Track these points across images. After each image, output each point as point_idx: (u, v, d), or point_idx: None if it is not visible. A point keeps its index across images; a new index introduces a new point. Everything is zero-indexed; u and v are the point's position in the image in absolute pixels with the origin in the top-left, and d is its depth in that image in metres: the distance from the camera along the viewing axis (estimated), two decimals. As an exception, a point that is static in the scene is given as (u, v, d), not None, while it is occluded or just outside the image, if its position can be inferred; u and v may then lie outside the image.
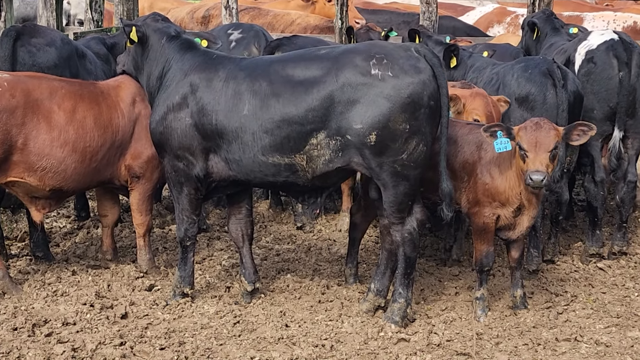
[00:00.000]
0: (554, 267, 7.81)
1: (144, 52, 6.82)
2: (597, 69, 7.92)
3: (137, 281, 7.19)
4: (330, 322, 6.50)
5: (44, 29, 8.19)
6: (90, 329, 6.26)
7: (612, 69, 7.87)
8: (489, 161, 6.52)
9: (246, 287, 6.89)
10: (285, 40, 9.24)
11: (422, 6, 11.72)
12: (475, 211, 6.55)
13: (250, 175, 6.44)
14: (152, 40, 6.80)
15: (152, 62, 6.78)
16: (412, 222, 6.33)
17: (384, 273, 6.65)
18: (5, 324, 6.24)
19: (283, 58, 6.53)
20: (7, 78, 6.66)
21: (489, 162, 6.52)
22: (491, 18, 14.00)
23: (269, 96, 6.23)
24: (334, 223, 9.13)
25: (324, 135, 6.17)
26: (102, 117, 6.93)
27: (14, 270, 7.42)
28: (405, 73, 6.06)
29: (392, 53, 6.15)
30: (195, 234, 6.79)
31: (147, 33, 6.81)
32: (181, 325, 6.38)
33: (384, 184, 6.23)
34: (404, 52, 6.19)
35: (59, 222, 8.95)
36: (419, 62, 6.13)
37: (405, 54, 6.17)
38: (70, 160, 6.75)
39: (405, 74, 6.05)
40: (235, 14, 12.28)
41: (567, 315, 6.73)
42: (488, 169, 6.50)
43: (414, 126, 6.06)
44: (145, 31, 6.80)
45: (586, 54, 8.01)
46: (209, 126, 6.38)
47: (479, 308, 6.63)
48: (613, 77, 7.84)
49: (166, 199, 9.89)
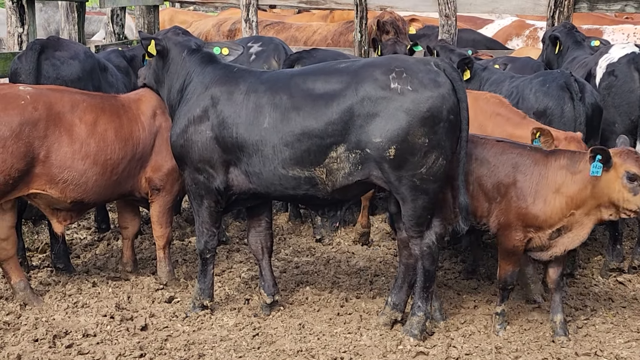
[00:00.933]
0: (574, 281, 7.79)
1: (164, 65, 6.88)
2: (619, 82, 7.91)
3: (157, 293, 7.22)
4: (349, 334, 6.50)
5: (68, 42, 8.27)
6: (110, 340, 6.29)
7: (633, 82, 7.87)
8: (527, 184, 6.33)
9: (265, 299, 6.93)
10: (305, 54, 9.29)
11: (441, 19, 11.72)
12: (506, 234, 6.39)
13: (270, 188, 6.46)
14: (173, 54, 6.85)
15: (173, 75, 6.83)
16: (431, 235, 6.34)
17: (401, 287, 6.65)
18: (26, 335, 6.29)
19: (303, 71, 6.57)
20: (29, 91, 6.73)
21: (526, 185, 6.33)
22: (510, 31, 13.98)
23: (290, 109, 6.26)
24: (352, 236, 9.14)
25: (343, 149, 6.19)
26: (123, 130, 6.99)
27: (35, 281, 7.48)
28: (424, 87, 6.07)
29: (412, 67, 6.17)
30: (215, 247, 6.82)
31: (167, 46, 6.86)
32: (200, 337, 6.40)
33: (403, 197, 6.24)
34: (424, 66, 6.20)
35: (80, 233, 9.01)
36: (438, 76, 6.14)
37: (425, 67, 6.19)
38: (91, 173, 6.80)
39: (425, 88, 6.07)
40: (255, 27, 12.35)
41: (587, 329, 6.70)
42: (525, 193, 6.31)
43: (433, 140, 6.07)
44: (165, 44, 6.86)
45: (607, 67, 8.01)
46: (229, 139, 6.41)
47: (498, 323, 6.59)
48: (635, 90, 7.83)
49: (186, 211, 9.94)
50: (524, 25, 14.09)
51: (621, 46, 8.25)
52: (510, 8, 12.24)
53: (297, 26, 13.36)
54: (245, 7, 12.36)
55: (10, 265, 6.92)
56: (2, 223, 6.85)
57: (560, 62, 9.26)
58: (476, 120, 6.93)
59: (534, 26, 13.87)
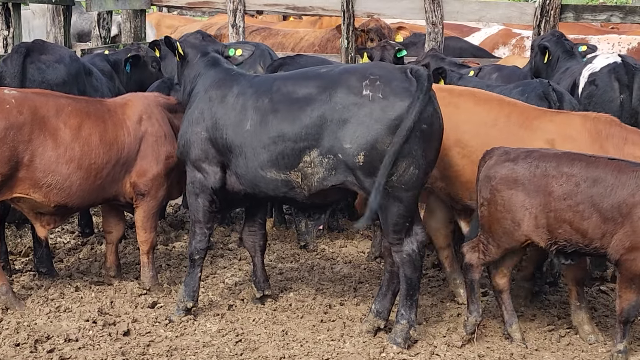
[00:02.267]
0: (557, 289, 7.80)
1: (182, 68, 7.06)
2: (599, 92, 7.97)
3: (140, 298, 7.20)
4: (332, 341, 6.50)
5: (53, 46, 8.26)
6: (92, 345, 6.27)
7: (613, 92, 7.92)
8: None
9: (255, 293, 7.17)
10: (289, 60, 9.30)
11: (427, 27, 11.73)
12: (632, 258, 5.99)
13: (255, 189, 6.58)
14: (190, 57, 7.01)
15: (187, 77, 7.02)
16: (411, 243, 6.33)
17: (385, 295, 6.65)
18: (7, 340, 6.26)
19: (287, 76, 6.68)
20: (14, 95, 6.71)
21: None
22: (496, 40, 14.02)
23: (269, 112, 6.37)
24: (337, 242, 9.14)
25: (317, 153, 6.24)
26: (108, 135, 6.98)
27: (17, 285, 7.44)
28: (395, 95, 6.08)
29: (387, 74, 6.19)
30: (204, 249, 6.88)
31: (185, 50, 7.01)
32: (183, 343, 6.39)
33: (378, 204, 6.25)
34: (400, 74, 6.22)
35: (63, 237, 8.98)
36: (412, 84, 6.13)
37: (402, 75, 6.20)
38: (75, 177, 6.78)
39: (395, 96, 6.08)
40: (242, 33, 12.34)
41: (570, 338, 6.71)
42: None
43: (403, 149, 6.05)
44: (184, 48, 7.02)
45: (589, 77, 8.06)
46: (220, 140, 6.56)
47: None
48: (614, 99, 7.87)
49: (170, 215, 9.92)
50: (511, 34, 14.13)
51: (605, 56, 8.30)
52: (497, 17, 12.28)
53: (284, 32, 13.38)
54: (232, 12, 12.34)
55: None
56: (-16, 227, 6.84)
57: (549, 72, 9.26)
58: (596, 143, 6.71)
59: (521, 35, 13.92)
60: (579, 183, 6.06)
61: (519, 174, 6.21)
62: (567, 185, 6.08)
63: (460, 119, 6.85)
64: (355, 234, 9.49)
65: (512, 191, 6.22)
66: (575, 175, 6.08)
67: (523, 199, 6.18)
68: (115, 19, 13.06)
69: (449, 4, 11.78)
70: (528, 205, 6.16)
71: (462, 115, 6.90)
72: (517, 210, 6.20)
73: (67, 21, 10.95)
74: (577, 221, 6.05)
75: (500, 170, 6.29)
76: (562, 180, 6.09)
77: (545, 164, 6.18)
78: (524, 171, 6.21)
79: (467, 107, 6.96)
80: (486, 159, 6.44)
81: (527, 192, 6.18)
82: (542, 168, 6.17)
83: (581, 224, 6.05)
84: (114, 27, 12.73)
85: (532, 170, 6.18)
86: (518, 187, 6.21)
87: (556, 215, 6.09)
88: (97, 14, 12.04)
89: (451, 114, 6.72)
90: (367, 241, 9.25)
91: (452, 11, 11.84)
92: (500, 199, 6.26)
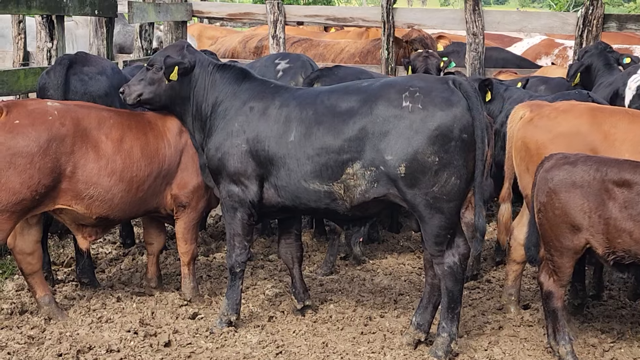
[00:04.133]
0: (601, 302, 7.71)
1: (189, 82, 6.92)
2: None
3: (181, 309, 7.22)
4: (372, 354, 6.47)
5: (95, 58, 8.32)
6: (133, 356, 6.30)
7: None
8: None
9: (296, 305, 7.19)
10: (326, 71, 9.28)
11: (468, 37, 11.70)
12: None
13: (295, 202, 6.57)
14: (198, 70, 6.91)
15: (201, 90, 6.89)
16: (453, 255, 6.31)
17: (425, 307, 6.62)
18: (50, 350, 6.31)
19: (331, 89, 6.68)
20: (57, 107, 6.77)
21: None
22: (539, 50, 13.94)
23: (313, 124, 6.40)
24: (377, 254, 9.11)
25: (359, 166, 6.27)
26: (149, 147, 7.01)
27: (60, 295, 7.51)
28: (434, 105, 6.09)
29: (427, 86, 6.21)
30: (245, 261, 6.88)
31: (191, 64, 6.91)
32: (224, 354, 6.39)
33: (420, 216, 6.24)
34: (440, 85, 6.23)
35: (105, 248, 9.04)
36: (452, 94, 6.14)
37: (442, 86, 6.21)
38: (117, 190, 6.82)
39: (435, 107, 6.09)
40: (282, 44, 12.38)
41: (614, 353, 6.62)
42: None
43: (444, 159, 6.06)
44: (189, 63, 6.89)
45: (637, 89, 7.93)
46: (262, 152, 6.55)
47: None
48: None
49: (211, 227, 9.96)
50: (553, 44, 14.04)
51: None
52: (539, 27, 12.18)
53: (325, 43, 13.38)
54: (272, 23, 12.41)
55: (36, 279, 6.95)
56: (28, 237, 6.90)
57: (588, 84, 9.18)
58: None
59: (564, 45, 13.82)
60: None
61: (578, 177, 6.11)
62: (628, 193, 5.97)
63: (617, 138, 6.70)
64: (396, 246, 9.46)
65: (570, 194, 6.12)
66: (637, 184, 5.95)
67: (582, 202, 6.08)
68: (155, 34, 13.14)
69: (490, 15, 11.74)
70: (587, 209, 6.06)
71: (620, 134, 6.72)
72: (576, 213, 6.09)
73: (110, 33, 11.04)
74: (638, 232, 5.93)
75: (558, 173, 6.18)
76: (623, 188, 5.98)
77: (606, 169, 6.05)
78: (583, 174, 6.09)
79: (623, 127, 6.76)
80: (544, 163, 6.34)
81: (586, 195, 6.06)
82: (603, 172, 6.05)
83: None
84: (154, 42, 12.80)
85: (592, 174, 6.07)
86: (576, 190, 6.10)
87: (615, 223, 5.99)
88: (139, 26, 12.14)
89: (608, 133, 6.65)
90: (408, 253, 9.21)
91: (493, 21, 11.80)
92: (557, 202, 6.17)
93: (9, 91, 8.78)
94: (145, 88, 6.96)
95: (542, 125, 6.88)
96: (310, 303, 7.25)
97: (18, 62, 11.49)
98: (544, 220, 6.23)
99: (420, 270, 8.49)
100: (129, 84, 7.06)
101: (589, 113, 6.86)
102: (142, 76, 6.98)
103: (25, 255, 6.90)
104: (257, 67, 9.86)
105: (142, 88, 6.96)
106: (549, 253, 6.28)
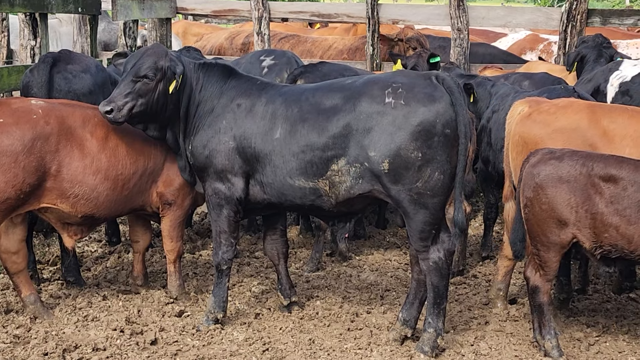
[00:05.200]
0: (586, 297, 7.74)
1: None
2: (634, 103, 7.82)
3: (167, 307, 7.22)
4: (359, 350, 6.48)
5: (79, 56, 8.30)
6: (120, 354, 6.29)
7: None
8: None
9: (282, 301, 7.21)
10: (310, 68, 9.27)
11: (453, 33, 11.71)
12: None
13: (281, 198, 6.58)
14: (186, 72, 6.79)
15: (188, 91, 6.78)
16: (438, 251, 6.32)
17: (412, 303, 6.63)
18: (36, 349, 6.29)
19: (315, 86, 6.69)
20: (41, 105, 6.75)
21: None
22: (524, 45, 13.95)
23: (298, 121, 6.41)
24: (363, 250, 9.12)
25: (344, 162, 6.28)
26: (134, 145, 6.99)
27: (46, 294, 7.48)
28: (417, 101, 6.11)
29: (410, 82, 6.23)
30: (231, 258, 6.88)
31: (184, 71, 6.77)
32: (210, 352, 6.39)
33: (404, 212, 6.26)
34: (423, 81, 6.25)
35: (91, 246, 9.02)
36: (435, 90, 6.16)
37: (424, 82, 6.23)
38: (102, 188, 6.80)
39: (417, 102, 6.11)
40: (267, 40, 12.37)
41: (599, 346, 6.66)
42: None
43: (427, 154, 6.08)
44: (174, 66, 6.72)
45: (620, 86, 7.93)
46: (248, 149, 6.54)
47: None
48: None
49: (197, 224, 9.95)
50: (538, 39, 14.07)
51: (632, 63, 8.16)
52: (523, 22, 12.20)
53: (312, 40, 13.35)
54: (257, 20, 12.39)
55: (21, 278, 6.93)
56: (12, 236, 6.88)
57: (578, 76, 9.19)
58: None
59: (548, 40, 13.85)
60: (626, 187, 5.98)
61: (564, 172, 6.13)
62: (614, 188, 6.01)
63: (616, 134, 6.70)
64: (382, 242, 9.47)
65: (556, 189, 6.14)
66: (623, 179, 5.99)
67: (569, 197, 6.10)
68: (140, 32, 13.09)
69: (475, 10, 11.76)
70: (574, 204, 6.08)
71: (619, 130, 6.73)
72: (563, 208, 6.11)
73: (94, 31, 11.00)
74: (624, 226, 5.97)
75: (545, 168, 6.21)
76: (609, 183, 6.01)
77: (592, 164, 6.08)
78: (570, 169, 6.12)
79: (622, 122, 6.77)
80: (529, 159, 6.36)
81: (573, 190, 6.08)
82: (589, 167, 6.08)
83: (627, 229, 5.98)
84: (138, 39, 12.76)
85: (579, 169, 6.09)
86: (563, 185, 6.12)
87: (602, 218, 6.01)
88: (123, 23, 12.10)
89: (607, 129, 6.66)
90: (394, 249, 9.23)
91: (478, 17, 11.82)
92: (544, 197, 6.18)
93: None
94: (136, 100, 6.60)
95: (540, 121, 6.89)
96: (296, 299, 7.27)
97: (1, 60, 11.44)
98: (531, 215, 6.26)
99: (407, 266, 8.51)
100: (114, 100, 6.58)
101: (588, 109, 6.88)
102: (128, 89, 6.59)
103: (10, 254, 6.87)
104: (242, 63, 9.85)
105: (132, 101, 6.59)
106: (535, 248, 6.30)
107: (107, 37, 15.04)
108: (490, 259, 8.76)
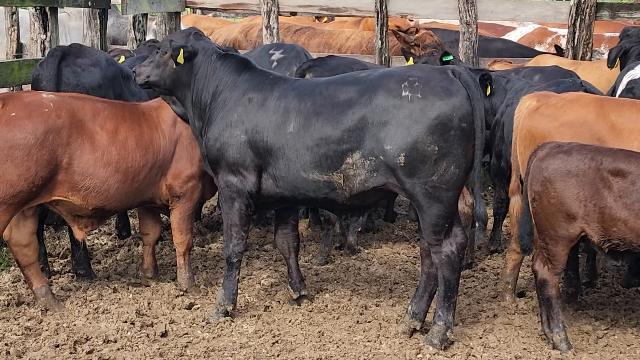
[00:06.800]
0: (594, 290, 7.75)
1: (191, 68, 6.91)
2: None
3: (177, 299, 7.25)
4: (368, 342, 6.50)
5: (89, 50, 8.32)
6: (130, 346, 6.33)
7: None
8: None
9: (292, 294, 7.22)
10: (318, 61, 9.26)
11: (461, 27, 11.68)
12: None
13: (294, 192, 6.60)
14: (201, 58, 6.92)
15: (202, 78, 6.89)
16: (450, 244, 6.34)
17: (421, 296, 6.65)
18: (47, 341, 6.33)
19: (329, 80, 6.70)
20: (53, 99, 6.79)
21: None
22: (532, 38, 13.92)
23: (312, 115, 6.42)
24: (372, 243, 9.15)
25: (359, 155, 6.29)
26: (144, 138, 7.03)
27: (56, 287, 7.53)
28: (434, 95, 6.12)
29: (426, 75, 6.24)
30: (242, 251, 6.91)
31: (194, 49, 6.92)
32: (220, 344, 6.42)
33: (418, 205, 6.27)
34: (439, 75, 6.26)
35: (101, 239, 9.06)
36: (452, 84, 6.18)
37: (440, 76, 6.24)
38: (112, 180, 6.84)
39: (434, 96, 6.12)
40: (276, 34, 12.36)
41: (607, 339, 6.67)
42: None
43: (443, 148, 6.10)
44: (192, 48, 6.91)
45: (627, 84, 7.91)
46: (260, 143, 6.56)
47: None
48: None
49: (206, 217, 9.98)
50: (547, 32, 14.03)
51: None
52: (532, 16, 12.17)
53: (329, 32, 13.25)
54: (266, 13, 12.37)
55: (32, 271, 6.97)
56: (23, 229, 6.92)
57: None
58: None
59: (557, 33, 13.80)
60: (634, 181, 5.98)
61: (573, 166, 6.13)
62: (622, 182, 6.01)
63: (624, 128, 6.69)
64: (391, 235, 9.49)
65: (565, 183, 6.15)
66: (632, 173, 5.99)
67: (577, 191, 6.11)
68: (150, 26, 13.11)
69: (483, 3, 11.72)
70: (582, 198, 6.09)
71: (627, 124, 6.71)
72: (572, 202, 6.12)
73: (103, 24, 11.04)
74: (632, 220, 5.98)
75: (553, 161, 6.21)
76: (618, 177, 6.01)
77: (601, 158, 6.08)
78: (579, 163, 6.12)
79: (630, 116, 6.75)
80: (537, 152, 6.36)
81: (581, 184, 6.09)
82: (598, 161, 6.08)
83: (636, 223, 5.98)
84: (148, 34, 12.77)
85: (587, 163, 6.09)
86: (572, 179, 6.12)
87: (610, 212, 6.02)
88: (133, 17, 12.13)
89: (615, 123, 6.66)
90: (403, 242, 9.25)
91: (486, 10, 11.78)
92: (553, 191, 6.19)
93: (3, 83, 8.80)
94: (152, 70, 7.01)
95: (548, 114, 6.89)
96: (306, 292, 7.29)
97: (11, 54, 11.49)
98: (539, 209, 6.27)
99: (415, 259, 8.53)
100: (140, 65, 7.16)
101: (596, 103, 6.87)
102: (152, 58, 7.05)
103: (21, 247, 6.92)
104: (251, 57, 9.84)
105: (150, 70, 7.01)
106: (543, 242, 6.31)
107: (116, 32, 15.04)
108: (499, 252, 8.77)
